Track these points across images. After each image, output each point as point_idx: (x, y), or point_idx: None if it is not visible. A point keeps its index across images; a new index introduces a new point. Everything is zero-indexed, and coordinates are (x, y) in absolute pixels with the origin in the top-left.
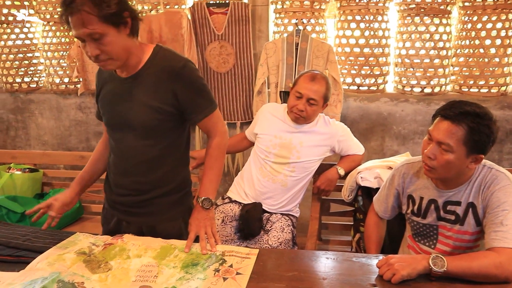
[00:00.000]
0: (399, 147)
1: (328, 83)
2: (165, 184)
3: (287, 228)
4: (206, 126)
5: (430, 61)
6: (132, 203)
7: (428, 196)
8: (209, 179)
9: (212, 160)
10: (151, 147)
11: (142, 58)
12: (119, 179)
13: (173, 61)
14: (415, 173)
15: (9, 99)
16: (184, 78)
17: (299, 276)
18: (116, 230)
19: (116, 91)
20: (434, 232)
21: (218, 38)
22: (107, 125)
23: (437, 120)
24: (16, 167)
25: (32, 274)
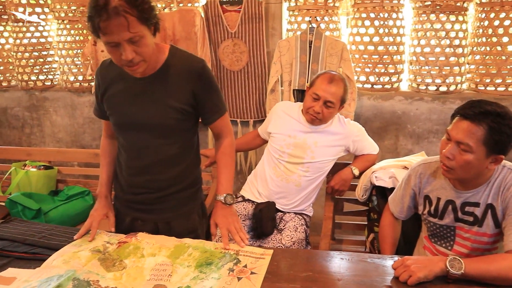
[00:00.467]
0: (413, 146)
1: (346, 85)
2: (179, 182)
3: (300, 228)
4: (219, 126)
5: (445, 59)
6: (148, 200)
7: (445, 197)
8: (226, 177)
9: (227, 157)
10: (168, 146)
11: (159, 58)
12: (133, 178)
13: (193, 62)
14: (432, 173)
15: (25, 96)
16: (204, 79)
17: (314, 276)
18: (130, 230)
19: (129, 91)
20: (451, 233)
21: (231, 36)
22: (117, 125)
23: (456, 120)
24: (31, 164)
25: (48, 272)
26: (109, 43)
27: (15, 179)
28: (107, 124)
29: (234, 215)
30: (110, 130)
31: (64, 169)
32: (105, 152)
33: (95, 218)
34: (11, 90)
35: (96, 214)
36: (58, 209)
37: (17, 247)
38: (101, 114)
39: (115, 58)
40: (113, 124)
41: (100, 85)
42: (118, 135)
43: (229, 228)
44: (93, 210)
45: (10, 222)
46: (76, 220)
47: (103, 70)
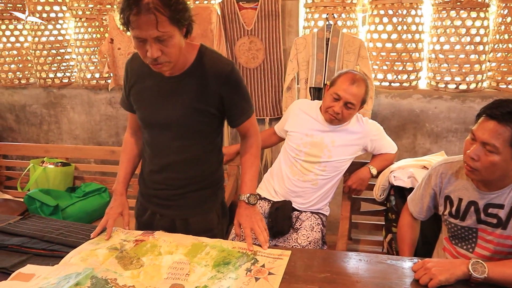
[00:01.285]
0: (432, 145)
1: (368, 86)
2: (200, 181)
3: (316, 227)
4: (245, 127)
5: (465, 56)
6: (166, 196)
7: (467, 198)
8: (251, 177)
9: (253, 158)
10: (190, 147)
11: (188, 57)
12: (154, 174)
13: (222, 64)
14: (454, 173)
15: (43, 94)
16: (232, 82)
17: (332, 278)
18: (150, 223)
19: (157, 89)
20: (473, 235)
21: (248, 33)
22: (143, 121)
23: (482, 120)
24: (49, 161)
25: (66, 269)
26: (137, 38)
27: (33, 176)
28: (132, 118)
29: (257, 215)
30: (135, 124)
31: (81, 166)
32: (126, 149)
33: (110, 216)
34: (29, 87)
35: (112, 213)
36: (75, 206)
37: (36, 244)
38: (127, 106)
39: (141, 54)
40: (139, 119)
41: (129, 77)
42: (143, 130)
43: (253, 227)
44: (108, 208)
45: (28, 219)
46: (92, 216)
47: (133, 63)
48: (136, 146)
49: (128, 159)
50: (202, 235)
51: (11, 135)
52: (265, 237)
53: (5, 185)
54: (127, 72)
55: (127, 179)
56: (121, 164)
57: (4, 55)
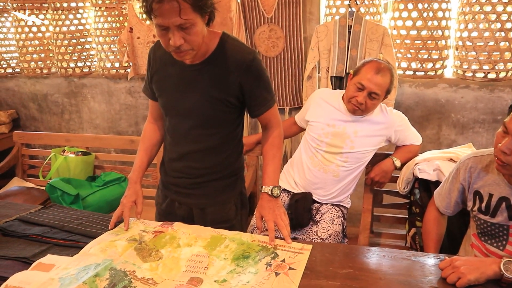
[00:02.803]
0: (457, 136)
1: (393, 75)
2: (218, 171)
3: (337, 220)
4: (266, 118)
5: (495, 43)
6: (184, 185)
7: (498, 193)
8: (273, 168)
9: (275, 149)
10: (209, 136)
11: (209, 45)
12: (174, 162)
13: (243, 53)
14: (484, 168)
15: (64, 83)
16: (253, 71)
17: (354, 274)
18: (168, 210)
19: (179, 76)
20: (504, 232)
21: (268, 21)
22: (164, 108)
23: None
24: (70, 150)
25: (85, 259)
26: (159, 26)
27: (55, 165)
28: (153, 106)
29: (280, 208)
30: (156, 112)
31: (101, 155)
32: (144, 138)
33: (125, 206)
34: (51, 77)
35: (126, 201)
36: (95, 195)
37: (56, 234)
38: (150, 93)
39: (163, 42)
40: (161, 107)
41: (152, 65)
42: (165, 118)
43: (277, 221)
44: (123, 197)
45: (49, 208)
46: (113, 205)
47: (157, 50)
48: (154, 135)
49: (146, 148)
50: (220, 225)
51: (34, 124)
52: (288, 231)
53: (28, 174)
54: (150, 59)
55: (143, 167)
56: (138, 152)
57: (27, 45)
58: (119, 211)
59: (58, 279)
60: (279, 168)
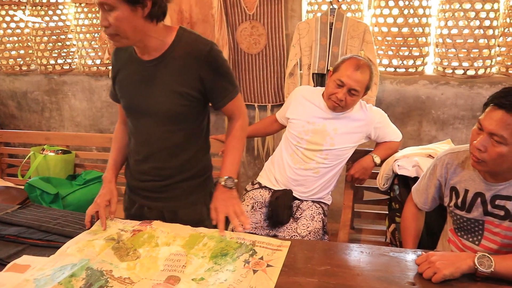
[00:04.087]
0: (438, 132)
1: (372, 72)
2: (187, 170)
3: (317, 217)
4: (230, 109)
5: (474, 41)
6: (153, 188)
7: (474, 189)
8: (232, 160)
9: (236, 140)
10: (174, 133)
11: (165, 40)
12: (140, 164)
13: (200, 45)
14: (460, 164)
15: (44, 80)
16: (212, 63)
17: (332, 271)
18: (138, 216)
19: (137, 74)
20: (480, 227)
21: (249, 18)
22: (125, 109)
23: (489, 109)
24: (49, 149)
25: (62, 260)
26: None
27: (34, 164)
28: (121, 108)
29: (234, 199)
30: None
31: (81, 154)
32: (116, 138)
33: (100, 206)
34: (30, 74)
35: (100, 201)
36: (76, 194)
37: (32, 234)
38: (115, 97)
39: None
40: (122, 108)
41: (114, 67)
42: (127, 119)
43: (228, 212)
44: (97, 197)
45: (26, 208)
46: None
47: (117, 51)
48: (126, 134)
49: (118, 147)
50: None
51: (13, 122)
52: (242, 221)
53: (7, 173)
54: (112, 62)
55: (117, 166)
56: (111, 152)
57: (5, 41)
58: (92, 210)
59: (33, 280)
60: (238, 160)
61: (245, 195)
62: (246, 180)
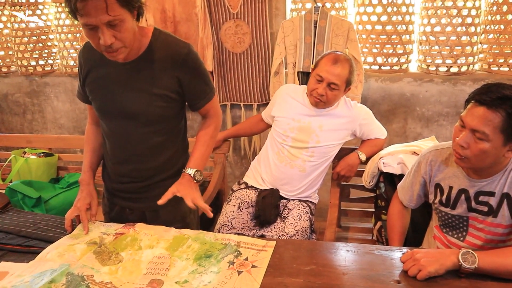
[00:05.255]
0: (423, 129)
1: (352, 66)
2: (166, 169)
3: (304, 216)
4: (205, 110)
5: (457, 38)
6: (134, 189)
7: (458, 186)
8: (202, 155)
9: (208, 137)
10: (152, 134)
11: (142, 42)
12: (119, 167)
13: (177, 47)
14: (444, 161)
15: (25, 82)
16: (189, 65)
17: (318, 270)
18: (119, 218)
19: (112, 76)
20: (464, 224)
21: (234, 16)
22: (100, 111)
23: (471, 105)
24: (31, 152)
25: (41, 265)
26: (87, 26)
27: (15, 167)
28: (91, 109)
29: (198, 191)
30: (95, 115)
31: (64, 156)
32: (88, 139)
33: (80, 209)
34: (11, 75)
35: (80, 204)
36: (59, 197)
37: (12, 239)
38: (84, 98)
39: (93, 43)
40: (95, 110)
41: (83, 68)
42: (102, 122)
43: (186, 197)
44: (76, 200)
45: (6, 213)
46: None
47: (86, 52)
48: (99, 136)
49: (93, 148)
50: (175, 225)
51: None
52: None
53: None
54: (80, 62)
55: (93, 168)
56: (85, 154)
57: None
58: (72, 214)
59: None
60: (207, 156)
61: (232, 195)
62: (233, 180)
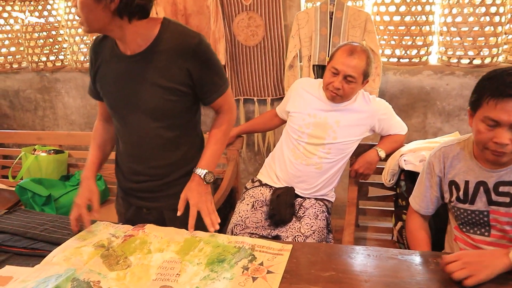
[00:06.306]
0: (443, 124)
1: (369, 57)
2: (182, 166)
3: (321, 215)
4: (219, 104)
5: (480, 28)
6: (151, 188)
7: (474, 179)
8: (213, 153)
9: (220, 134)
10: (165, 129)
11: (149, 34)
12: (134, 166)
13: (187, 37)
14: (455, 156)
15: (36, 78)
16: (200, 56)
17: (337, 277)
18: (136, 219)
19: (121, 70)
20: (485, 220)
21: (246, 8)
22: (111, 107)
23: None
24: (41, 149)
25: (47, 270)
26: None
27: (25, 165)
28: (101, 106)
29: (208, 195)
30: (105, 112)
31: (75, 153)
32: (95, 135)
33: (81, 206)
34: (22, 72)
35: (80, 201)
36: (69, 195)
37: (17, 242)
38: (95, 94)
39: None
40: (107, 106)
41: (93, 63)
42: (113, 119)
43: (201, 208)
44: (76, 197)
45: (13, 213)
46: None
47: (96, 47)
48: (106, 132)
49: (98, 144)
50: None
51: (6, 121)
52: (212, 220)
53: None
54: (91, 58)
55: (97, 164)
56: (90, 150)
57: None
58: (75, 213)
59: None
60: (219, 154)
61: (245, 193)
62: (247, 177)
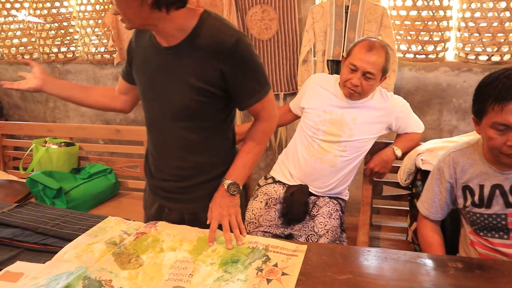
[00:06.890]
0: (459, 122)
1: (388, 53)
2: (209, 170)
3: (335, 214)
4: (256, 110)
5: (499, 24)
6: (174, 189)
7: (490, 182)
8: (244, 163)
9: (253, 144)
10: (189, 130)
11: (185, 26)
12: (159, 163)
13: (224, 36)
14: (467, 161)
15: (47, 69)
16: (236, 57)
17: (355, 281)
18: (158, 216)
19: (153, 61)
20: (503, 223)
21: (260, 1)
22: (142, 97)
23: None
24: (51, 141)
25: (58, 267)
26: None
27: (36, 157)
28: (121, 83)
29: (234, 207)
30: (123, 87)
31: (86, 146)
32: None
33: None
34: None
35: None
36: (80, 188)
37: (28, 237)
38: (127, 77)
39: None
40: (140, 95)
41: (131, 48)
42: (144, 112)
43: (222, 221)
44: None
45: (24, 207)
46: (98, 199)
47: (138, 33)
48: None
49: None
50: None
51: (18, 112)
52: (236, 234)
53: (13, 166)
54: (130, 41)
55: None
56: None
57: (6, 30)
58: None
59: None
60: (251, 165)
61: (258, 190)
62: (257, 172)
